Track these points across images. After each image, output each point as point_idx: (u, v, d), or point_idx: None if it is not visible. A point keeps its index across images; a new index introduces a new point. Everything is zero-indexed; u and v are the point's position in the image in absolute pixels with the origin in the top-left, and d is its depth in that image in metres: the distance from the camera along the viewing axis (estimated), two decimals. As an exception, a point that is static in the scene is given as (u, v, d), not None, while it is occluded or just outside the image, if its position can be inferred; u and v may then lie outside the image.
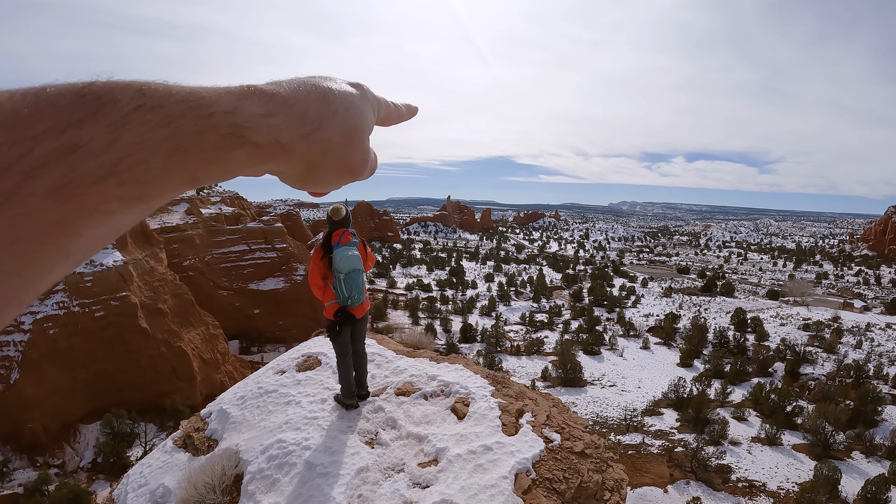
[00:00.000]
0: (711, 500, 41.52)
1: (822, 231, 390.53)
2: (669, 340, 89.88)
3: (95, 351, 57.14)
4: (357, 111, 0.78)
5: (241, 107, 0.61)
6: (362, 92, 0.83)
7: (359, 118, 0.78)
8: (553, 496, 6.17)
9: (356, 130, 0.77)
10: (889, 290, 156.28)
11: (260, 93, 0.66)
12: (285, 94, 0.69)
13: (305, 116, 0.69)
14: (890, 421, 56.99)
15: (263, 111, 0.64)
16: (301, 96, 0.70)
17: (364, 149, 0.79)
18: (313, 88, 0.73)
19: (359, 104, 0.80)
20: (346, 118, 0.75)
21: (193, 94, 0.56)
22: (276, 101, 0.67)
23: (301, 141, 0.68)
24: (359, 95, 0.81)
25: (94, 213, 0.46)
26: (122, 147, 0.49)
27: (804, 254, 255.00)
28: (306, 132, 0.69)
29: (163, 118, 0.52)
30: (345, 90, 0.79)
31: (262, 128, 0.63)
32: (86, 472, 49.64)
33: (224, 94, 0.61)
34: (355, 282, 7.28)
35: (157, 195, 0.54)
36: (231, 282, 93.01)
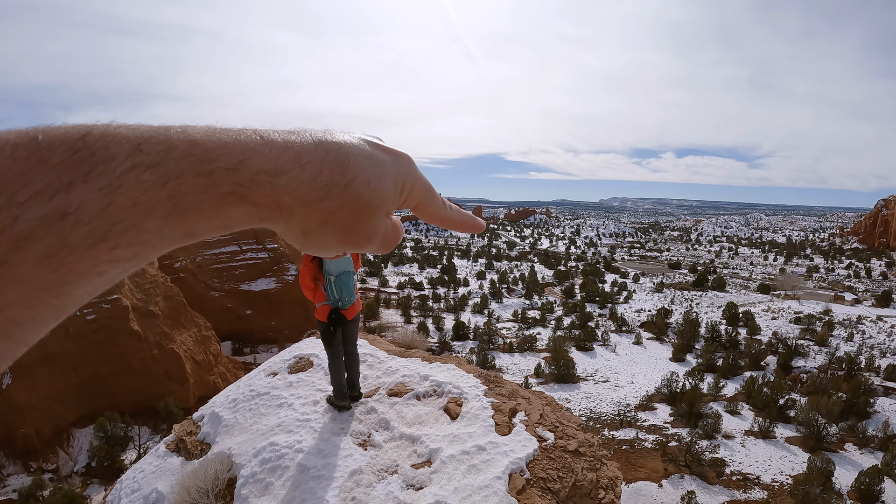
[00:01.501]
0: (706, 493, 41.65)
1: (813, 225, 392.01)
2: (662, 335, 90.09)
3: (87, 354, 56.86)
4: (376, 186, 0.71)
5: (247, 162, 0.57)
6: (396, 165, 0.76)
7: (375, 194, 0.71)
8: (547, 496, 6.16)
9: (368, 206, 0.70)
10: (879, 282, 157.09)
11: (271, 146, 0.60)
12: (298, 151, 0.63)
13: (315, 181, 0.64)
14: (882, 412, 57.26)
15: (270, 168, 0.59)
16: (317, 156, 0.65)
17: (373, 225, 0.73)
18: (334, 150, 0.67)
19: (381, 179, 0.72)
20: (360, 191, 0.69)
21: (196, 147, 0.53)
22: (286, 158, 0.61)
23: (301, 207, 0.64)
24: (387, 167, 0.74)
25: (85, 276, 0.45)
26: (114, 212, 0.47)
27: (795, 248, 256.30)
28: (311, 199, 0.64)
29: (160, 178, 0.50)
30: (372, 159, 0.72)
31: (265, 187, 0.59)
32: (80, 477, 49.41)
33: (231, 144, 0.57)
34: (346, 283, 7.26)
35: (151, 253, 0.53)
36: (222, 283, 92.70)
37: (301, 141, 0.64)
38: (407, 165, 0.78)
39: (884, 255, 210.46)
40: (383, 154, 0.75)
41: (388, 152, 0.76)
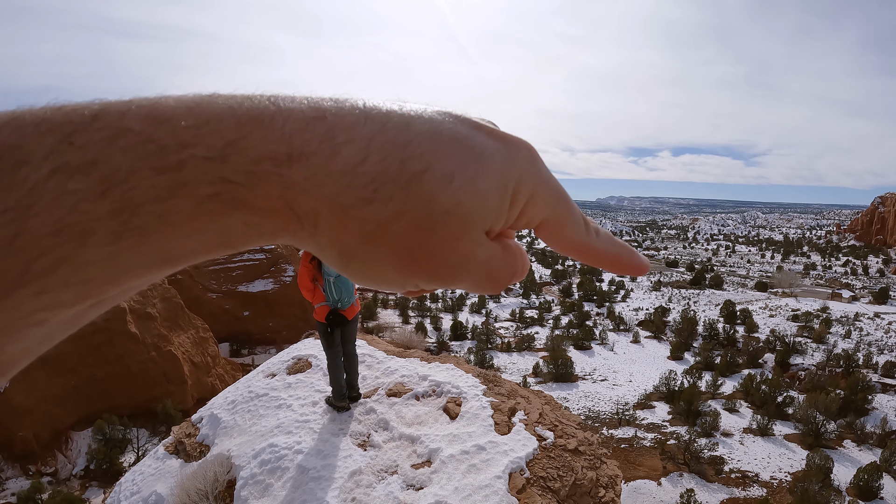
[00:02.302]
0: (705, 491, 41.65)
1: (810, 222, 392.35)
2: (659, 334, 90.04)
3: (85, 357, 56.73)
4: (466, 187, 0.45)
5: (240, 143, 0.37)
6: (507, 158, 0.49)
7: (464, 199, 0.45)
8: (548, 494, 6.16)
9: (451, 217, 0.44)
10: (877, 279, 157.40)
11: (287, 116, 0.40)
12: (332, 124, 0.41)
13: (356, 173, 0.40)
14: (880, 409, 57.31)
15: (280, 151, 0.38)
16: (363, 134, 0.42)
17: (463, 249, 0.47)
18: (393, 126, 0.43)
19: (476, 176, 0.46)
20: (434, 191, 0.43)
21: (160, 127, 0.35)
22: (309, 136, 0.40)
23: (332, 213, 0.41)
24: (490, 160, 0.47)
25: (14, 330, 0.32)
26: (28, 244, 0.31)
27: (792, 245, 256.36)
28: (347, 201, 0.41)
29: (98, 183, 0.33)
30: (461, 145, 0.46)
31: (270, 183, 0.38)
32: (79, 480, 49.32)
33: (218, 116, 0.37)
34: (345, 284, 7.25)
35: (112, 291, 0.37)
36: (220, 284, 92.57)
37: (339, 110, 0.42)
38: (526, 159, 0.51)
39: (881, 252, 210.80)
40: (486, 138, 0.48)
41: (495, 136, 0.49)
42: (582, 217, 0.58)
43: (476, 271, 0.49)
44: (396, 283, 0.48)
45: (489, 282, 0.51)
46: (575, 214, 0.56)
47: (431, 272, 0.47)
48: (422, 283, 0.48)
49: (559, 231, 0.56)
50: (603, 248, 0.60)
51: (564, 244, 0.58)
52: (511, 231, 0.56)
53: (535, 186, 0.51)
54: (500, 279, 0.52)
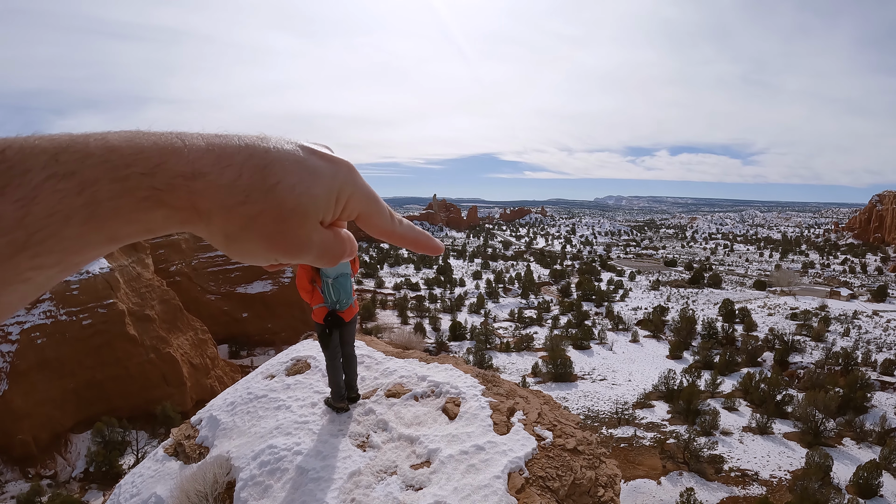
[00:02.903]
0: (704, 490, 41.69)
1: (808, 221, 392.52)
2: (658, 333, 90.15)
3: (84, 359, 56.73)
4: (304, 192, 0.70)
5: (163, 165, 0.58)
6: (332, 173, 0.74)
7: (302, 200, 0.69)
8: (547, 494, 6.17)
9: (294, 213, 0.69)
10: (875, 277, 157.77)
11: (190, 149, 0.61)
12: (219, 154, 0.64)
13: (234, 185, 0.64)
14: (879, 407, 57.44)
15: (187, 171, 0.60)
16: (238, 160, 0.65)
17: (302, 234, 0.71)
18: (259, 154, 0.67)
19: (310, 185, 0.71)
20: (284, 196, 0.67)
21: (113, 153, 0.55)
22: (205, 161, 0.62)
23: (220, 211, 0.63)
24: (320, 174, 0.73)
25: (9, 284, 0.47)
26: (32, 222, 0.49)
27: (790, 244, 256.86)
28: (229, 203, 0.64)
29: (76, 186, 0.51)
30: (301, 164, 0.71)
31: (181, 191, 0.60)
32: (78, 482, 49.27)
33: (148, 148, 0.58)
34: (343, 286, 7.25)
35: (76, 259, 0.54)
36: (218, 286, 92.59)
37: (224, 144, 0.65)
38: (346, 173, 0.76)
39: (879, 251, 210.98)
40: (318, 160, 0.73)
41: (324, 159, 0.74)
42: (389, 212, 0.84)
43: (314, 248, 0.73)
44: (262, 257, 0.70)
45: (325, 256, 0.75)
46: (382, 209, 0.82)
47: (284, 249, 0.69)
48: (279, 256, 0.71)
49: (370, 220, 0.81)
50: (404, 233, 0.87)
51: (375, 230, 0.83)
52: (341, 222, 0.80)
53: (351, 191, 0.75)
54: (333, 254, 0.77)
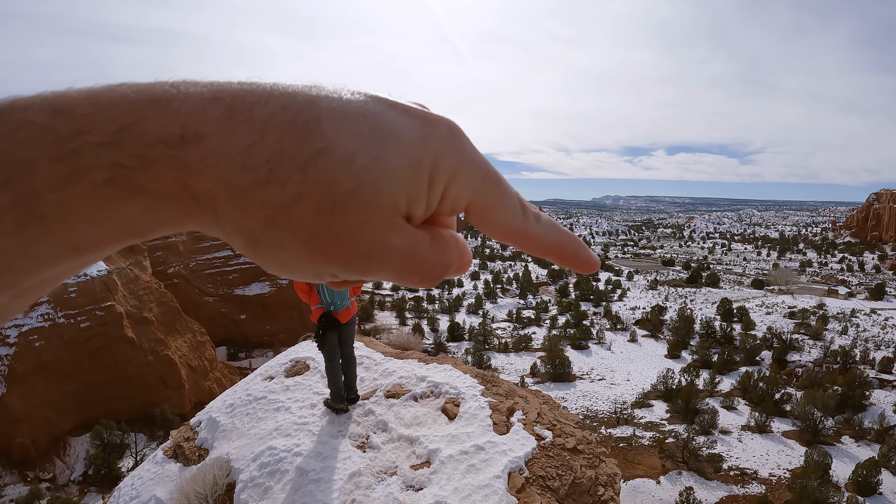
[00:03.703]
0: (704, 489, 41.70)
1: (805, 220, 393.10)
2: (656, 332, 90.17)
3: (82, 362, 56.71)
4: (370, 164, 0.42)
5: (134, 127, 0.37)
6: (422, 136, 0.45)
7: (370, 178, 0.42)
8: (547, 493, 6.17)
9: (354, 200, 0.41)
10: (872, 275, 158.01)
11: (182, 99, 0.39)
12: (231, 104, 0.40)
13: (251, 153, 0.39)
14: (877, 405, 57.51)
15: (173, 133, 0.37)
16: (262, 113, 0.40)
17: (372, 234, 0.44)
18: (294, 105, 0.41)
19: (382, 155, 0.43)
20: (336, 171, 0.41)
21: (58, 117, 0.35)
22: (205, 116, 0.38)
23: (228, 197, 0.39)
24: (400, 137, 0.44)
25: None
26: None
27: (787, 243, 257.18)
28: (243, 183, 0.39)
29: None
30: (368, 122, 0.43)
31: (163, 166, 0.37)
32: (77, 485, 49.24)
33: (115, 103, 0.37)
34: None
35: (28, 282, 0.38)
36: (216, 288, 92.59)
37: (244, 91, 0.41)
38: (446, 137, 0.47)
39: (876, 249, 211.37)
40: (400, 117, 0.45)
41: (411, 114, 0.46)
42: (518, 200, 0.54)
43: (395, 260, 0.46)
44: (307, 270, 0.46)
45: (414, 272, 0.48)
46: (508, 196, 0.52)
47: (342, 260, 0.44)
48: (337, 271, 0.46)
49: (489, 214, 0.52)
50: (543, 236, 0.56)
51: (497, 229, 0.53)
52: (448, 220, 0.53)
53: (456, 165, 0.47)
54: (429, 270, 0.49)
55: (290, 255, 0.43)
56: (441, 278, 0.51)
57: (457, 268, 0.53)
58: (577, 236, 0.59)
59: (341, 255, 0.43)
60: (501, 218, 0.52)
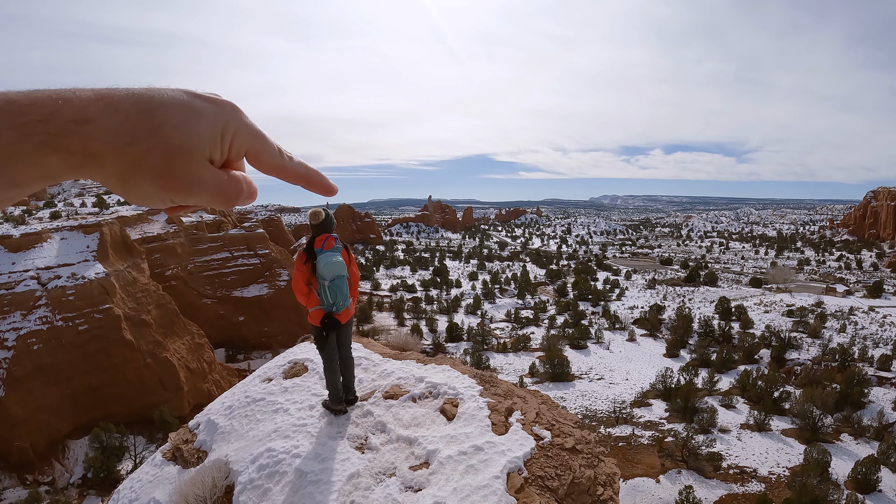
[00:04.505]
0: (703, 487, 41.70)
1: (803, 218, 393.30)
2: (655, 332, 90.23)
3: (80, 365, 56.60)
4: (187, 129, 0.74)
5: (56, 113, 0.64)
6: (216, 112, 0.79)
7: (187, 137, 0.74)
8: (546, 493, 6.17)
9: (180, 150, 0.73)
10: (871, 273, 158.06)
11: (81, 98, 0.67)
12: (108, 101, 0.69)
13: (122, 128, 0.69)
14: (876, 402, 57.51)
15: (78, 117, 0.65)
16: (125, 105, 0.70)
17: (191, 170, 0.75)
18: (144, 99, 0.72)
19: (194, 124, 0.75)
20: (169, 134, 0.72)
21: (11, 104, 0.62)
22: (95, 108, 0.67)
23: (111, 153, 0.68)
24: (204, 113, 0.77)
25: None
26: None
27: (785, 241, 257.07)
28: (118, 144, 0.68)
29: None
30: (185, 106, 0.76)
31: (74, 135, 0.65)
32: (76, 488, 49.14)
33: (43, 99, 0.64)
34: (340, 288, 7.22)
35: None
36: (214, 290, 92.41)
37: (112, 94, 0.70)
38: (229, 112, 0.80)
39: (874, 247, 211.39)
40: (202, 102, 0.77)
41: (209, 101, 0.79)
42: (278, 148, 0.87)
43: (207, 186, 0.76)
44: (157, 197, 0.74)
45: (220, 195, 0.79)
46: (269, 145, 0.85)
47: (176, 186, 0.73)
48: (173, 195, 0.74)
49: (259, 157, 0.84)
50: (295, 168, 0.89)
51: (265, 166, 0.86)
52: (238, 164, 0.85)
53: (236, 128, 0.80)
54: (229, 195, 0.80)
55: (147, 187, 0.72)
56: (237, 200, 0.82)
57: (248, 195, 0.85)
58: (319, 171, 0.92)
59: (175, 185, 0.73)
60: (266, 158, 0.85)
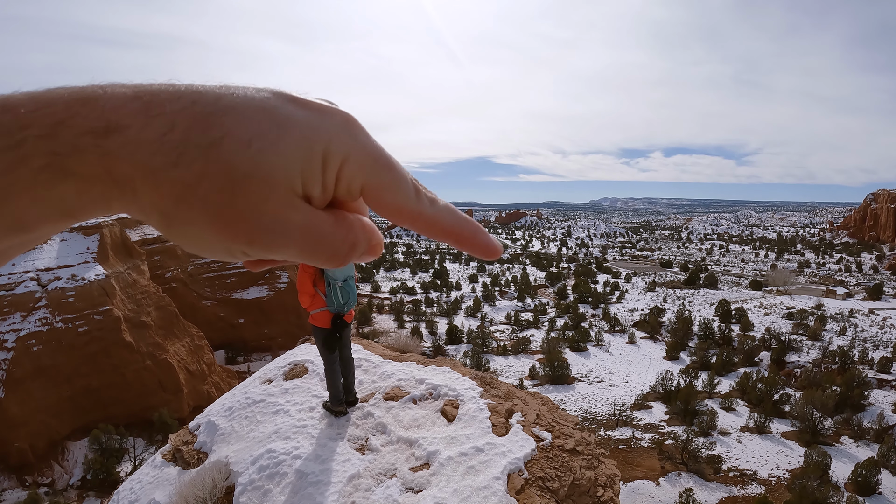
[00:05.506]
0: (703, 490, 41.69)
1: (803, 220, 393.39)
2: (655, 334, 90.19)
3: (80, 366, 56.57)
4: (265, 148, 0.49)
5: (68, 122, 0.44)
6: (316, 124, 0.52)
7: (264, 158, 0.49)
8: (546, 495, 6.17)
9: (250, 178, 0.48)
10: (870, 275, 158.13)
11: (109, 98, 0.46)
12: (149, 101, 0.47)
13: (163, 141, 0.46)
14: (876, 405, 57.56)
15: (98, 126, 0.45)
16: (173, 108, 0.47)
17: (271, 211, 0.49)
18: (202, 101, 0.48)
19: (277, 140, 0.50)
20: (234, 153, 0.47)
21: (6, 114, 0.44)
22: (127, 111, 0.46)
23: (145, 178, 0.46)
24: (295, 125, 0.51)
25: None
26: None
27: (785, 243, 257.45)
28: (156, 165, 0.46)
29: None
30: (267, 113, 0.50)
31: (90, 153, 0.44)
32: (76, 490, 49.12)
33: (52, 102, 0.45)
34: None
35: None
36: (214, 291, 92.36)
37: (160, 90, 0.48)
38: (338, 126, 0.54)
39: (874, 249, 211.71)
40: (296, 109, 0.52)
41: (306, 107, 0.53)
42: (413, 184, 0.59)
43: (295, 236, 0.51)
44: (218, 246, 0.51)
45: (318, 249, 0.53)
46: (400, 179, 0.57)
47: (247, 235, 0.49)
48: (244, 247, 0.51)
49: (382, 196, 0.57)
50: (438, 218, 0.60)
51: (391, 210, 0.58)
52: (358, 206, 0.60)
53: (347, 151, 0.53)
54: (332, 248, 0.54)
55: (200, 232, 0.48)
56: (347, 257, 0.56)
57: (366, 249, 0.59)
58: (477, 223, 0.62)
59: (246, 231, 0.49)
60: (394, 199, 0.57)
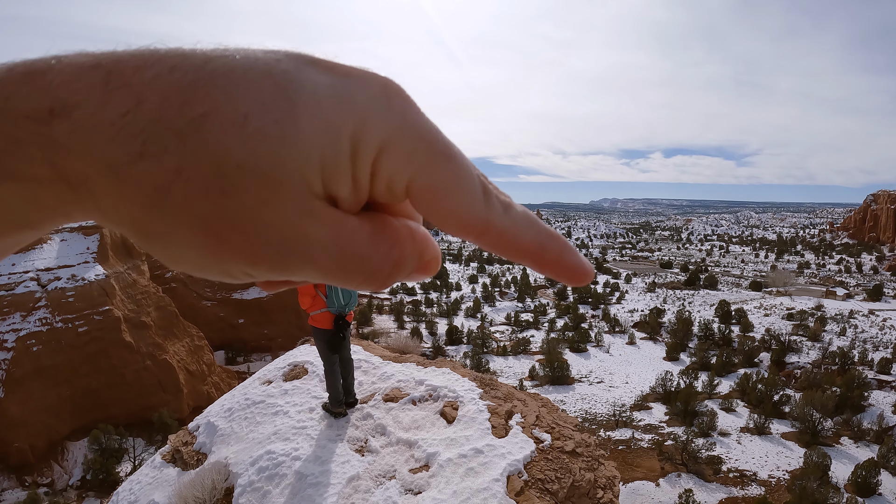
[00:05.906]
0: (703, 491, 41.69)
1: (803, 221, 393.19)
2: (655, 335, 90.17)
3: (80, 367, 56.59)
4: (270, 129, 0.31)
5: (5, 105, 0.30)
6: (345, 93, 0.34)
7: (261, 146, 0.31)
8: (546, 496, 6.16)
9: (246, 174, 0.31)
10: (870, 276, 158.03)
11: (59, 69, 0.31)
12: (108, 72, 0.30)
13: (124, 122, 0.30)
14: (876, 405, 57.54)
15: (41, 107, 0.29)
16: (143, 77, 0.30)
17: (277, 219, 0.32)
18: (183, 66, 0.31)
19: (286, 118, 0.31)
20: (223, 138, 0.30)
21: None
22: (78, 86, 0.30)
23: (103, 177, 0.30)
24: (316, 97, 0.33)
25: None
26: None
27: (785, 244, 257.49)
28: (115, 157, 0.30)
29: None
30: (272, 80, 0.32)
31: (30, 145, 0.30)
32: (75, 490, 49.15)
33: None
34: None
35: None
36: (214, 292, 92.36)
37: (129, 55, 0.31)
38: (374, 98, 0.35)
39: (874, 250, 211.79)
40: (316, 74, 0.34)
41: (332, 71, 0.34)
42: (480, 182, 0.38)
43: (316, 254, 0.34)
44: (213, 268, 0.34)
45: (350, 272, 0.35)
46: (465, 176, 0.37)
47: (247, 253, 0.32)
48: (246, 268, 0.34)
49: (438, 199, 0.36)
50: (514, 232, 0.39)
51: (450, 219, 0.37)
52: (404, 207, 0.41)
53: (389, 134, 0.34)
54: (368, 269, 0.36)
55: (184, 250, 0.32)
56: (390, 279, 0.38)
57: (415, 267, 0.40)
58: (562, 236, 0.41)
59: (244, 248, 0.32)
60: (455, 203, 0.37)
